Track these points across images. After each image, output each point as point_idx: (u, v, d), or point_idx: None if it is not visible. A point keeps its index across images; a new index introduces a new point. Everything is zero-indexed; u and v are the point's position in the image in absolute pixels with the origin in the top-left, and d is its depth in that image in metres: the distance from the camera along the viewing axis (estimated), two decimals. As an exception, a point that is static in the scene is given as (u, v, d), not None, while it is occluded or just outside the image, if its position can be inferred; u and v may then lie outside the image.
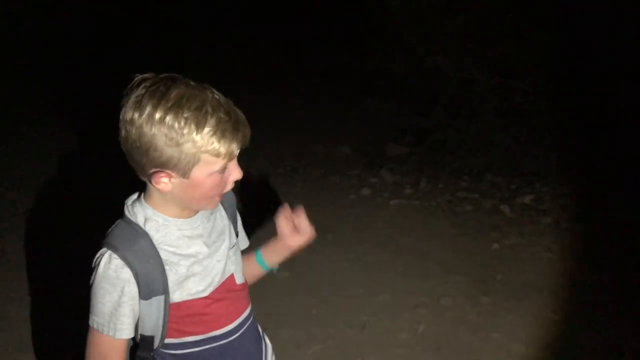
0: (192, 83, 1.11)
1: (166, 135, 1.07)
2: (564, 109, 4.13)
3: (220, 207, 1.33)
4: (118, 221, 1.21)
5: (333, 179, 4.65)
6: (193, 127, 1.07)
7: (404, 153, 4.89)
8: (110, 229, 1.21)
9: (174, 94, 1.07)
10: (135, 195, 1.23)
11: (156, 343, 1.23)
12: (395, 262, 3.39)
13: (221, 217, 1.32)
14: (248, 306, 1.36)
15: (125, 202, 1.23)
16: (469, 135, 4.32)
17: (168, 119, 1.06)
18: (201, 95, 1.09)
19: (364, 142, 5.23)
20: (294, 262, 1.54)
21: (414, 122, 4.79)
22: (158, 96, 1.07)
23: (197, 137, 1.07)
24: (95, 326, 1.18)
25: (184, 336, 1.25)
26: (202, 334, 1.25)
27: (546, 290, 3.06)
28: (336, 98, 6.11)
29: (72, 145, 4.92)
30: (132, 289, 1.15)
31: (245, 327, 1.33)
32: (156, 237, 1.18)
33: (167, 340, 1.24)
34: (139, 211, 1.19)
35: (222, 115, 1.09)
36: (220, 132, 1.09)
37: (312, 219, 1.41)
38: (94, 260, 1.17)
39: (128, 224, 1.19)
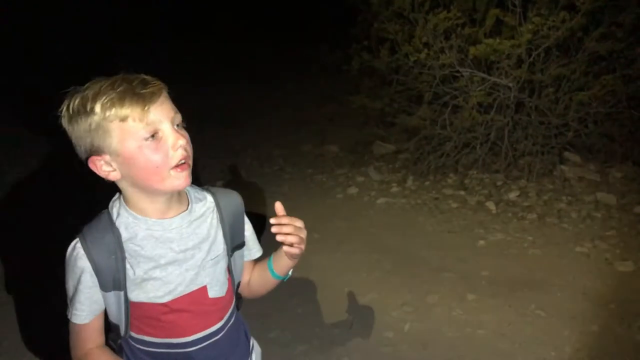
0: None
1: (78, 121, 1.12)
2: (549, 105, 4.14)
3: (215, 215, 1.29)
4: (102, 211, 1.24)
5: (320, 178, 4.65)
6: (90, 102, 1.10)
7: (390, 152, 4.91)
8: (92, 218, 1.24)
9: (83, 88, 1.13)
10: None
11: (122, 332, 1.26)
12: (382, 260, 3.40)
13: (210, 225, 1.28)
14: (219, 322, 1.31)
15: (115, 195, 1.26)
16: (454, 133, 4.33)
17: (74, 107, 1.12)
18: (107, 79, 1.13)
19: (351, 141, 5.24)
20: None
21: (400, 121, 4.79)
22: (71, 96, 1.13)
23: (97, 108, 1.10)
24: (68, 304, 1.23)
25: (142, 334, 1.26)
26: (159, 337, 1.26)
27: (531, 286, 3.07)
28: (323, 97, 6.12)
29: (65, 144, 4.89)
30: (88, 278, 1.18)
31: (210, 342, 1.30)
32: (124, 234, 1.19)
33: (131, 333, 1.26)
34: (115, 206, 1.22)
35: (124, 84, 1.11)
36: (118, 96, 1.10)
37: (300, 218, 1.37)
38: None
39: (106, 216, 1.22)
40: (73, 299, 1.20)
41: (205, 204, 1.29)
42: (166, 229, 1.21)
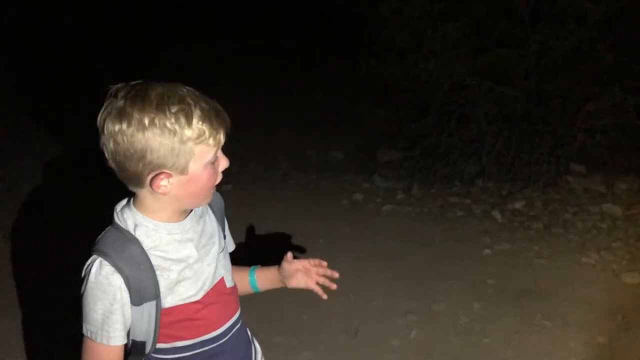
0: (164, 83, 1.13)
1: (160, 135, 1.08)
2: (555, 115, 4.15)
3: (210, 210, 1.34)
4: (108, 228, 1.21)
5: (325, 185, 4.65)
6: (182, 120, 1.08)
7: (396, 159, 4.91)
8: (100, 236, 1.20)
9: (153, 95, 1.09)
10: (124, 201, 1.23)
11: (148, 348, 1.23)
12: (387, 267, 3.39)
13: (210, 220, 1.33)
14: (237, 309, 1.36)
15: (115, 208, 1.22)
16: (460, 141, 4.34)
17: (157, 119, 1.07)
18: (177, 90, 1.11)
19: (357, 148, 5.24)
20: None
21: (406, 128, 4.81)
22: (140, 101, 1.08)
23: (188, 131, 1.09)
24: (88, 334, 1.17)
25: (175, 341, 1.25)
26: (192, 338, 1.26)
27: (537, 296, 3.07)
28: (329, 104, 6.12)
29: (61, 151, 4.89)
30: (123, 295, 1.14)
31: (235, 330, 1.34)
32: (146, 242, 1.17)
33: (158, 345, 1.24)
34: (128, 217, 1.19)
35: (204, 105, 1.12)
36: (208, 120, 1.11)
37: (304, 224, 1.41)
38: (85, 267, 1.17)
39: (117, 230, 1.18)
40: (107, 320, 1.15)
41: None
42: (183, 230, 1.22)
